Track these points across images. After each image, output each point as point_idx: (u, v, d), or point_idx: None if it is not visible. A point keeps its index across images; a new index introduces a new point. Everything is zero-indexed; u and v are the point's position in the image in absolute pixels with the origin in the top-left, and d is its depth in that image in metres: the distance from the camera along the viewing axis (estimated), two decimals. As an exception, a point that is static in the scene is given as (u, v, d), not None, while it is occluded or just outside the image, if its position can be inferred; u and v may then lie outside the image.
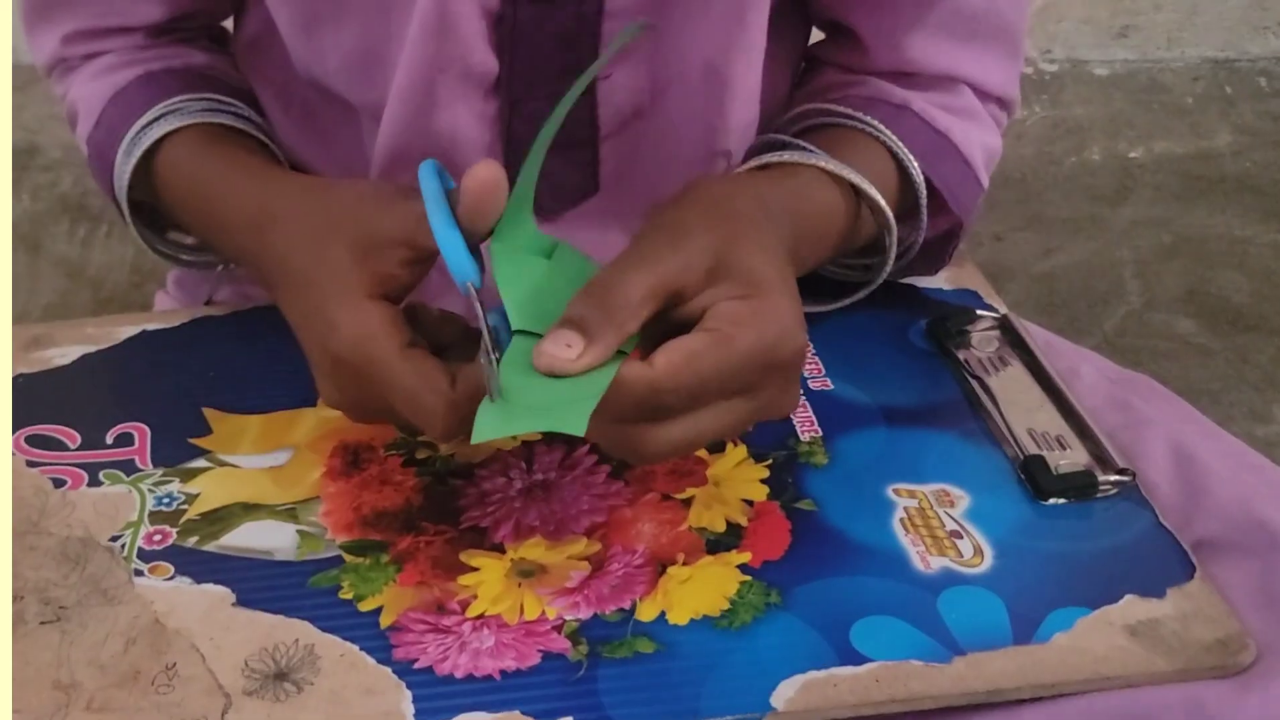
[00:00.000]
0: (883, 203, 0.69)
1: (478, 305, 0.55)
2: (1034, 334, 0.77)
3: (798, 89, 0.79)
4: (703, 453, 0.67)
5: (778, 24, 0.72)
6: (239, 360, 0.74)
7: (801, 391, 0.68)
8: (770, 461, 0.66)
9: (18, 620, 0.57)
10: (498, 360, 0.54)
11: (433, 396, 0.56)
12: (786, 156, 0.69)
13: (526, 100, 0.68)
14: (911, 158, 0.72)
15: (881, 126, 0.72)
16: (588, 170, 0.71)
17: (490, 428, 0.52)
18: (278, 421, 0.69)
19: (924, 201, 0.73)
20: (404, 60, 0.66)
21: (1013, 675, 0.55)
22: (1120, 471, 0.65)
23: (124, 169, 0.71)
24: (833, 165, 0.68)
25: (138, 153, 0.70)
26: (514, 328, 0.56)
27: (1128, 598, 0.59)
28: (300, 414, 0.70)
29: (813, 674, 0.55)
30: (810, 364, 0.73)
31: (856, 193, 0.69)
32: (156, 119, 0.71)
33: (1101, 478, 0.65)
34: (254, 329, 0.77)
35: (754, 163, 0.69)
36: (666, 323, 0.56)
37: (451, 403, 0.56)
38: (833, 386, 0.71)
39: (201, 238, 0.73)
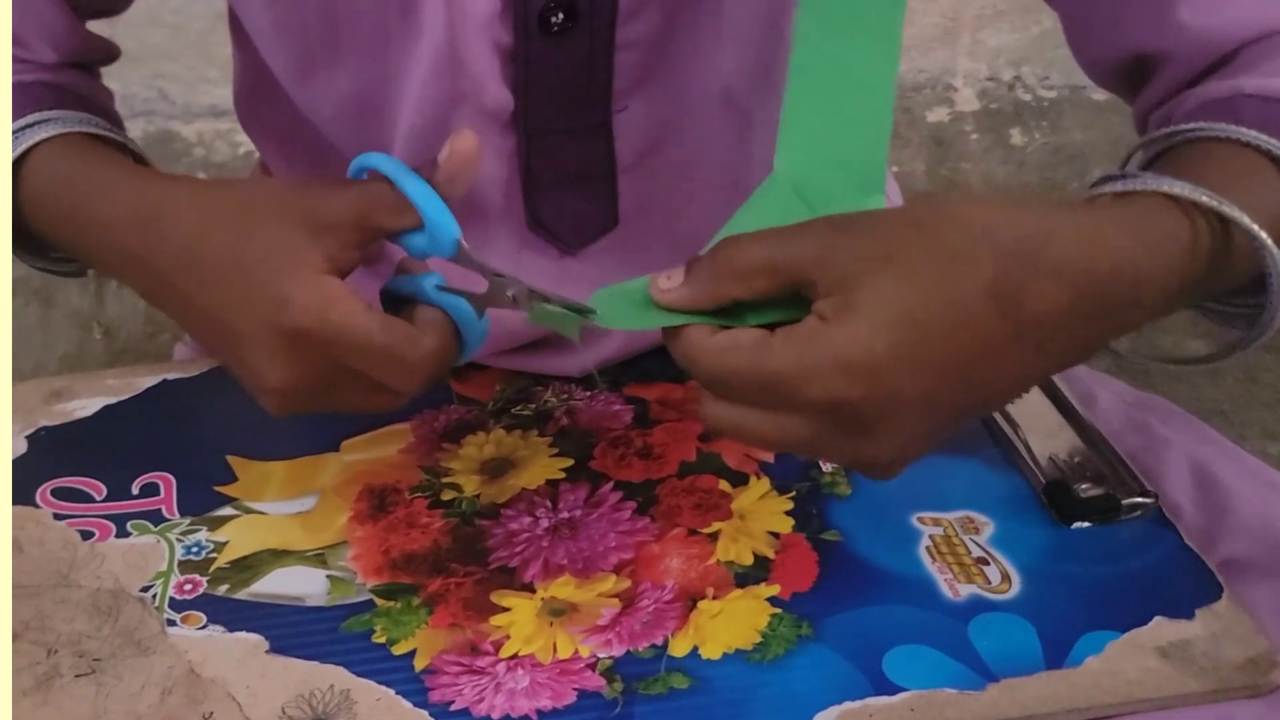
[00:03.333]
0: (1229, 209, 0.54)
1: (472, 254, 0.57)
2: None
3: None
4: (726, 486, 0.67)
5: None
6: (260, 407, 0.74)
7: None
8: (794, 493, 0.67)
9: (53, 674, 0.58)
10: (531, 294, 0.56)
11: (409, 349, 0.56)
12: (1116, 186, 0.56)
13: (543, 134, 0.68)
14: (1268, 138, 0.58)
15: (1213, 124, 0.60)
16: (607, 205, 0.71)
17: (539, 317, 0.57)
18: (302, 467, 0.70)
19: None
20: (413, 99, 0.66)
21: (1047, 700, 0.55)
22: (1143, 494, 0.65)
23: None
24: (1164, 184, 0.54)
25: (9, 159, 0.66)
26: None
27: (1157, 619, 0.59)
28: (324, 459, 0.70)
29: (848, 705, 0.55)
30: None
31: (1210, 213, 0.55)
32: (28, 126, 0.67)
33: (1125, 501, 0.65)
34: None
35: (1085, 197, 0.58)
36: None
37: (427, 353, 0.57)
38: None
39: (70, 243, 0.67)
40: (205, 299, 0.58)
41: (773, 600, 0.60)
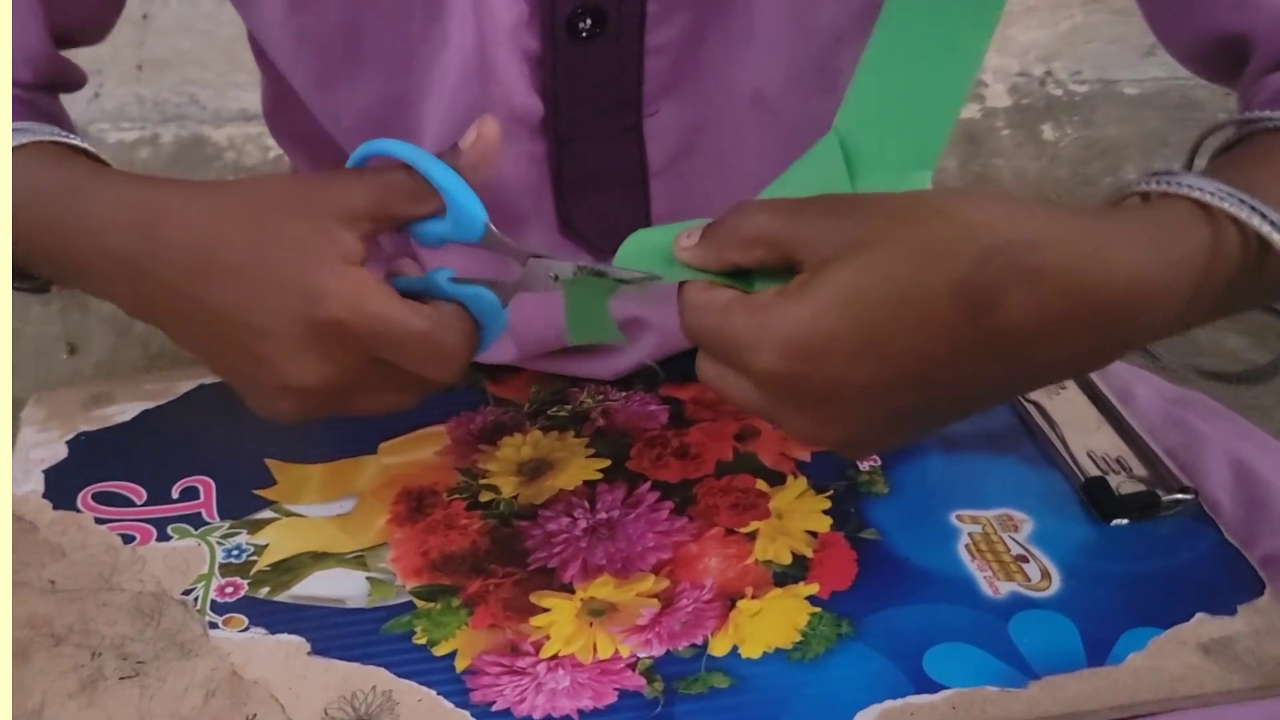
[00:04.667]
0: (1257, 222, 0.50)
1: (503, 236, 0.57)
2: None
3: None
4: (763, 485, 0.67)
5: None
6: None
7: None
8: (831, 492, 0.67)
9: (98, 676, 0.58)
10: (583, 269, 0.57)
11: (448, 332, 0.56)
12: (1154, 185, 0.52)
13: (574, 139, 0.68)
14: None
15: (1276, 114, 0.57)
16: (639, 208, 0.71)
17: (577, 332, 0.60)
18: (340, 470, 0.70)
19: None
20: (441, 107, 0.66)
21: (1089, 698, 0.55)
22: (1182, 490, 0.65)
23: None
24: (1197, 188, 0.51)
25: None
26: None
27: (1199, 616, 0.59)
28: (361, 462, 0.70)
29: (889, 703, 0.55)
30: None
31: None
32: None
33: (1164, 497, 0.65)
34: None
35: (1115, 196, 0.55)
36: None
37: (465, 333, 0.56)
38: (889, 415, 0.72)
39: (49, 253, 0.63)
40: (218, 301, 0.56)
41: (812, 599, 0.61)
